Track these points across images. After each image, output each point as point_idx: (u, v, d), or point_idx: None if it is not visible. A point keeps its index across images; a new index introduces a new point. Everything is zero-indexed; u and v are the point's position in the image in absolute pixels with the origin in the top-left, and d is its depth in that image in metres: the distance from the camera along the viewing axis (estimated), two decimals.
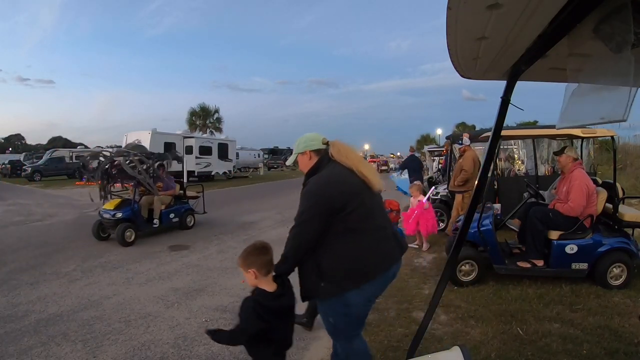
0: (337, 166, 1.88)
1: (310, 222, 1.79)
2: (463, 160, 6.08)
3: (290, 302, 1.80)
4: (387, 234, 1.93)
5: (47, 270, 4.94)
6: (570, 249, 3.77)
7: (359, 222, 1.82)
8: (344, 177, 1.85)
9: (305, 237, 1.81)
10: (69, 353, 2.85)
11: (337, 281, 1.80)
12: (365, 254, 1.82)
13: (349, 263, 1.81)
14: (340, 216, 1.79)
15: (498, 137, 1.50)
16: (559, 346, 2.74)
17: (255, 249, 1.74)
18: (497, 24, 1.04)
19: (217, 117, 35.70)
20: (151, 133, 18.17)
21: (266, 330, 1.66)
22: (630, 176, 12.78)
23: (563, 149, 4.11)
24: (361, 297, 1.83)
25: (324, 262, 1.81)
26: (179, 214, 7.49)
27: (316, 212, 1.79)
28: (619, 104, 1.00)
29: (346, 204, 1.79)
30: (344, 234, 1.81)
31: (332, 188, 1.82)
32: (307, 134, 2.05)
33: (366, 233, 1.83)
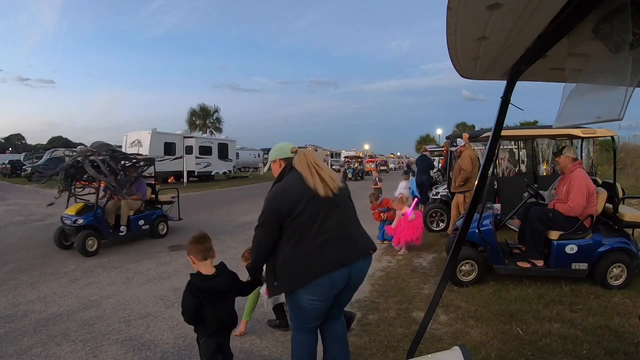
0: (294, 174, 2.04)
1: (263, 227, 2.00)
2: (461, 161, 6.08)
3: (220, 286, 2.00)
4: (333, 238, 1.96)
5: (47, 270, 4.94)
6: (570, 249, 3.77)
7: (302, 227, 1.94)
8: (295, 184, 1.99)
9: (261, 240, 2.02)
10: (69, 353, 2.85)
11: (284, 281, 1.98)
12: (304, 257, 1.93)
13: (290, 265, 1.96)
14: (288, 221, 1.95)
15: (498, 137, 1.50)
16: (559, 346, 2.74)
17: (192, 239, 2.04)
18: (497, 24, 1.04)
19: (217, 117, 35.74)
20: (151, 133, 18.17)
21: (198, 307, 1.94)
22: (630, 176, 12.78)
23: (561, 149, 4.12)
24: (308, 295, 1.95)
25: (276, 263, 2.00)
26: (150, 220, 6.72)
27: (267, 217, 1.98)
28: (615, 103, 1.00)
29: (293, 210, 1.94)
30: (289, 238, 1.96)
31: (282, 194, 1.99)
32: (278, 144, 2.27)
33: (307, 238, 1.94)
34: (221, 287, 2.00)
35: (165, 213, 7.26)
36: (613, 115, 1.02)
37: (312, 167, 2.03)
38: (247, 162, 31.69)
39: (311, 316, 2.05)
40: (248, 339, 3.04)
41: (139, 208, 6.60)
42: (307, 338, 2.15)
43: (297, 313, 2.08)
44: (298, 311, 2.05)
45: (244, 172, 29.10)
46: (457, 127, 48.47)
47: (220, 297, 2.01)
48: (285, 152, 2.19)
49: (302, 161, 2.05)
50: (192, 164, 19.75)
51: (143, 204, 6.70)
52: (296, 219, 1.93)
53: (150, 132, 18.21)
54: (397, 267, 4.89)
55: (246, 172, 29.48)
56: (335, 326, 2.24)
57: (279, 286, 2.02)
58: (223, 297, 2.03)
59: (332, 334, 2.24)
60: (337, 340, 2.24)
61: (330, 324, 2.22)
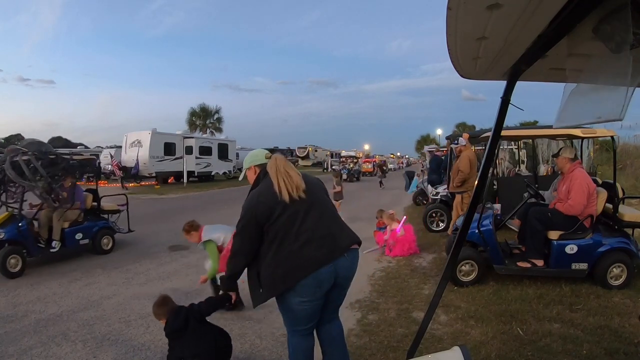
0: (267, 180, 2.06)
1: (242, 234, 2.03)
2: (459, 162, 6.07)
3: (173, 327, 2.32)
4: (314, 237, 1.97)
5: (47, 270, 4.94)
6: (570, 249, 3.77)
7: (282, 229, 1.96)
8: (270, 189, 2.01)
9: (241, 247, 2.05)
10: (69, 353, 2.85)
11: (270, 286, 1.99)
12: (286, 259, 1.94)
13: (274, 268, 1.96)
14: (267, 225, 1.96)
15: (498, 137, 1.50)
16: (559, 346, 2.74)
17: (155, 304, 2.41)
18: (497, 24, 1.04)
19: (218, 117, 35.76)
20: (151, 133, 18.18)
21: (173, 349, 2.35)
22: (630, 176, 12.78)
23: (560, 150, 4.13)
24: (297, 297, 1.95)
25: (261, 270, 2.01)
26: (90, 234, 5.64)
27: (246, 224, 2.01)
28: (616, 103, 1.00)
29: (271, 214, 1.95)
30: (271, 242, 1.98)
31: (258, 200, 2.01)
32: (253, 151, 2.31)
33: (288, 240, 1.95)
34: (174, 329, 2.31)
35: (112, 224, 6.20)
36: (614, 115, 1.02)
37: (276, 173, 2.04)
38: None
39: (303, 318, 2.04)
40: (248, 339, 3.04)
41: (75, 219, 5.56)
42: (302, 341, 2.13)
43: (289, 316, 2.07)
44: (290, 314, 2.05)
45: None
46: (457, 127, 48.47)
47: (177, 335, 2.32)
48: (259, 159, 2.22)
49: (270, 167, 2.08)
50: (192, 164, 19.76)
51: (81, 213, 5.64)
52: (275, 222, 1.95)
53: (150, 132, 18.22)
54: (397, 267, 4.89)
55: None
56: (331, 328, 2.23)
57: (264, 292, 2.01)
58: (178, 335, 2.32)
59: (329, 336, 2.23)
60: (335, 343, 2.23)
61: (326, 326, 2.21)
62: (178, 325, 2.30)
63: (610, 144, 8.36)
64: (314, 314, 2.06)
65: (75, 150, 25.54)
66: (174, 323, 2.31)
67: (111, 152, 21.65)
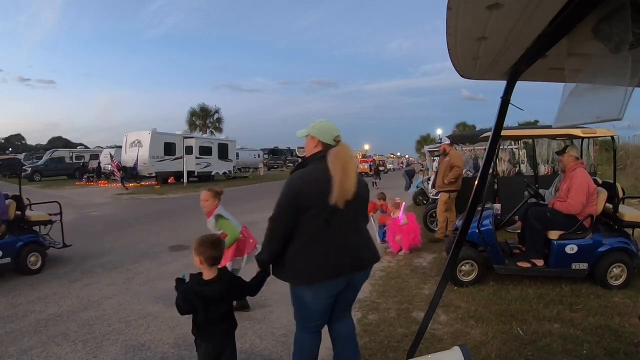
0: (321, 166, 1.89)
1: (280, 215, 1.90)
2: (451, 158, 6.07)
3: (214, 293, 1.92)
4: (341, 247, 1.92)
5: (47, 270, 4.94)
6: (570, 249, 3.77)
7: (313, 230, 1.88)
8: (321, 179, 1.86)
9: (277, 228, 1.92)
10: (69, 353, 2.85)
11: (291, 274, 1.95)
12: (313, 259, 1.89)
13: (299, 263, 1.92)
14: (302, 218, 1.87)
15: (498, 137, 1.50)
16: (559, 346, 2.74)
17: (206, 241, 1.95)
18: (497, 24, 1.04)
19: (218, 117, 35.77)
20: (151, 133, 18.19)
21: (190, 310, 1.92)
22: (630, 176, 12.79)
23: (565, 148, 4.13)
24: (310, 294, 1.94)
25: (286, 254, 1.94)
26: (12, 250, 4.64)
27: (286, 206, 1.88)
28: (615, 103, 1.00)
29: (311, 207, 1.85)
30: (301, 235, 1.90)
31: (304, 186, 1.87)
32: (325, 122, 2.03)
33: (319, 241, 1.89)
34: (214, 294, 1.94)
35: (41, 239, 5.15)
36: (613, 115, 1.01)
37: (339, 169, 1.86)
38: (247, 162, 31.70)
39: (314, 314, 2.03)
40: (248, 339, 3.04)
41: None
42: (310, 337, 2.12)
43: (300, 310, 2.05)
44: (301, 308, 2.03)
45: (244, 172, 29.11)
46: (457, 127, 48.50)
47: (211, 303, 1.96)
48: (326, 137, 1.97)
49: (334, 157, 1.88)
50: (192, 164, 19.77)
51: (2, 225, 4.72)
52: (312, 219, 1.86)
53: (150, 132, 18.23)
54: (397, 267, 4.89)
55: (246, 172, 29.48)
56: (343, 326, 2.21)
57: (284, 276, 1.98)
58: (215, 303, 1.97)
59: (340, 334, 2.21)
60: (346, 340, 2.22)
61: (338, 323, 2.20)
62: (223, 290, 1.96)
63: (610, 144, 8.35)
64: (325, 312, 2.05)
65: None
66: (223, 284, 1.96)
67: (111, 152, 21.67)
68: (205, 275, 1.95)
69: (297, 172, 1.97)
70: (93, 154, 26.65)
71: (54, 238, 5.51)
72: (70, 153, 26.82)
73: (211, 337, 1.99)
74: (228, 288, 1.98)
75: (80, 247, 6.18)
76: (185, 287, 1.95)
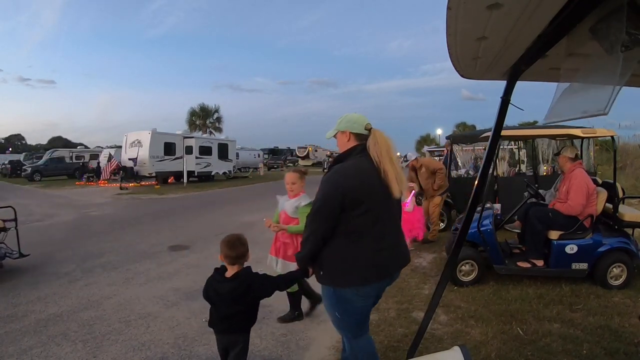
0: (365, 160, 1.79)
1: (323, 212, 1.77)
2: (428, 166, 6.09)
3: (226, 290, 1.95)
4: (389, 244, 1.85)
5: (47, 270, 4.94)
6: (570, 249, 3.77)
7: (363, 227, 1.77)
8: (368, 173, 1.76)
9: (318, 227, 1.79)
10: (69, 353, 2.85)
11: (332, 276, 1.83)
12: (360, 259, 1.79)
13: (342, 264, 1.80)
14: (348, 215, 1.74)
15: (498, 137, 1.50)
16: (559, 346, 2.74)
17: (226, 240, 1.98)
18: (497, 24, 1.04)
19: (217, 117, 35.78)
20: (151, 133, 18.19)
21: (207, 299, 2.02)
22: (630, 176, 12.78)
23: (561, 149, 4.14)
24: (359, 295, 1.82)
25: (324, 253, 1.83)
26: None
27: (330, 202, 1.75)
28: (601, 98, 1.01)
29: (360, 203, 1.73)
30: (346, 234, 1.78)
31: (351, 181, 1.75)
32: (351, 114, 1.95)
33: (368, 239, 1.78)
34: (227, 292, 1.95)
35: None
36: (599, 109, 1.02)
37: (388, 158, 1.77)
38: (247, 162, 31.68)
39: (365, 317, 1.97)
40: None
41: None
42: (370, 339, 2.04)
43: (354, 317, 1.91)
44: (354, 315, 1.90)
45: (244, 172, 29.10)
46: (457, 127, 48.44)
47: (224, 299, 1.97)
48: (358, 127, 1.87)
49: (378, 147, 1.78)
50: (192, 164, 19.76)
51: None
52: (359, 216, 1.74)
53: (150, 132, 18.23)
54: None
55: (246, 172, 29.47)
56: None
57: (324, 277, 1.86)
58: (227, 300, 1.97)
59: None
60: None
61: None
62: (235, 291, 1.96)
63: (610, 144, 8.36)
64: (369, 313, 2.01)
65: None
66: (239, 285, 1.96)
67: (111, 152, 21.67)
68: (228, 272, 1.99)
69: (338, 167, 1.84)
70: (93, 154, 26.66)
71: (56, 237, 5.48)
72: (70, 153, 26.82)
73: (221, 330, 2.04)
74: (244, 288, 1.96)
75: (80, 247, 6.19)
76: (208, 278, 2.03)
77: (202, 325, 3.29)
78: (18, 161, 27.20)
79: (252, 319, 2.09)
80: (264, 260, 3.31)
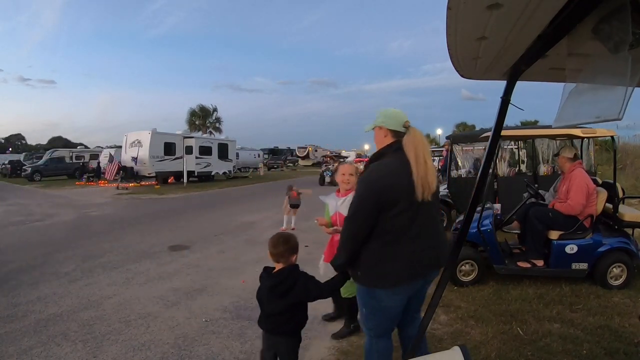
0: (401, 158, 1.75)
1: (361, 215, 1.75)
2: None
3: (269, 285, 1.97)
4: (426, 245, 1.82)
5: (47, 270, 4.94)
6: (570, 249, 3.77)
7: (399, 228, 1.74)
8: (403, 172, 1.72)
9: (356, 232, 1.78)
10: (69, 353, 2.86)
11: (369, 277, 1.82)
12: (396, 260, 1.77)
13: (379, 265, 1.79)
14: (385, 215, 1.73)
15: (498, 137, 1.50)
16: (559, 346, 2.74)
17: (272, 239, 2.01)
18: (497, 24, 1.04)
19: (217, 117, 35.80)
20: (151, 133, 18.19)
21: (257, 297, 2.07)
22: (630, 176, 12.78)
23: (560, 150, 4.14)
24: (391, 295, 1.82)
25: (362, 254, 1.81)
26: None
27: (365, 204, 1.74)
28: (615, 103, 1.00)
29: (396, 203, 1.71)
30: (382, 235, 1.76)
31: (386, 181, 1.73)
32: (390, 109, 1.90)
33: (404, 240, 1.76)
34: (269, 286, 1.96)
35: None
36: (612, 115, 1.01)
37: (418, 157, 1.73)
38: (247, 162, 31.68)
39: (394, 317, 1.93)
40: (248, 339, 3.04)
41: None
42: (389, 343, 2.00)
43: (379, 317, 1.90)
44: (378, 313, 1.89)
45: (244, 172, 29.10)
46: (457, 127, 48.43)
47: (267, 295, 1.98)
48: (395, 124, 1.83)
49: (412, 145, 1.75)
50: (192, 164, 19.75)
51: None
52: (396, 216, 1.72)
53: (150, 132, 18.22)
54: None
55: (246, 172, 29.47)
56: (415, 328, 2.08)
57: (361, 276, 1.84)
58: (269, 296, 1.97)
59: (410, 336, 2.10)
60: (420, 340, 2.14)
61: (411, 327, 2.09)
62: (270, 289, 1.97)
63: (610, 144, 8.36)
64: (400, 315, 1.95)
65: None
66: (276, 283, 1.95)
67: (111, 152, 21.67)
68: (276, 268, 2.02)
69: (374, 166, 1.83)
70: (93, 154, 26.65)
71: (56, 237, 5.50)
72: (70, 153, 26.81)
73: (265, 328, 2.06)
74: (286, 286, 1.94)
75: (80, 247, 6.19)
76: (261, 273, 2.06)
77: (202, 325, 3.30)
78: (18, 161, 27.20)
79: (298, 322, 2.03)
80: (264, 261, 3.31)
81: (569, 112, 1.24)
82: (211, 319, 3.45)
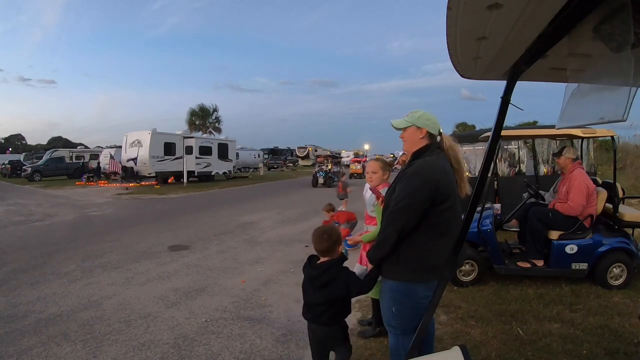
0: (444, 157, 1.88)
1: (413, 207, 1.78)
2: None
3: (310, 275, 2.04)
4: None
5: (47, 270, 4.94)
6: (570, 249, 3.77)
7: (448, 221, 1.81)
8: (450, 170, 1.86)
9: (406, 220, 1.79)
10: (69, 353, 2.86)
11: (411, 271, 1.84)
12: (440, 253, 1.77)
13: (424, 258, 1.82)
14: (437, 209, 1.78)
15: (498, 137, 1.50)
16: (559, 346, 2.74)
17: (315, 237, 2.05)
18: (497, 24, 1.04)
19: (217, 117, 35.79)
20: (151, 133, 18.19)
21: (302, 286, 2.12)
22: (630, 176, 12.78)
23: (561, 150, 4.12)
24: (424, 291, 1.84)
25: (402, 248, 1.84)
26: None
27: (420, 196, 1.77)
28: (619, 104, 1.00)
29: (448, 197, 1.79)
30: (430, 228, 1.81)
31: (440, 175, 1.80)
32: (427, 113, 1.98)
33: (448, 235, 1.79)
34: (310, 277, 2.03)
35: None
36: (617, 116, 1.01)
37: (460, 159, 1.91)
38: (247, 162, 31.70)
39: (420, 311, 1.88)
40: (248, 339, 3.04)
41: None
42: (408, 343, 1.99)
43: (410, 311, 1.89)
44: (411, 308, 1.88)
45: (244, 172, 29.11)
46: (457, 127, 48.47)
47: (310, 285, 2.04)
48: (435, 128, 1.95)
49: (453, 148, 1.91)
50: (192, 164, 19.76)
51: None
52: (445, 210, 1.78)
53: (150, 132, 18.23)
54: None
55: (246, 172, 29.48)
56: (432, 324, 2.16)
57: (400, 271, 1.85)
58: (312, 286, 2.03)
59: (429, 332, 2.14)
60: (430, 337, 2.19)
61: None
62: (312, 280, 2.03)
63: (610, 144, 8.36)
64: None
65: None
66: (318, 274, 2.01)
67: (111, 152, 21.67)
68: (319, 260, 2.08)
69: (423, 161, 1.86)
70: (93, 154, 26.65)
71: (56, 237, 5.51)
72: (70, 153, 26.82)
73: (308, 318, 2.09)
74: (327, 278, 1.99)
75: (80, 247, 6.19)
76: (305, 263, 2.11)
77: (202, 325, 3.30)
78: (18, 161, 27.21)
79: (337, 312, 2.07)
80: (264, 261, 3.31)
81: (572, 113, 1.24)
82: (211, 319, 3.45)
